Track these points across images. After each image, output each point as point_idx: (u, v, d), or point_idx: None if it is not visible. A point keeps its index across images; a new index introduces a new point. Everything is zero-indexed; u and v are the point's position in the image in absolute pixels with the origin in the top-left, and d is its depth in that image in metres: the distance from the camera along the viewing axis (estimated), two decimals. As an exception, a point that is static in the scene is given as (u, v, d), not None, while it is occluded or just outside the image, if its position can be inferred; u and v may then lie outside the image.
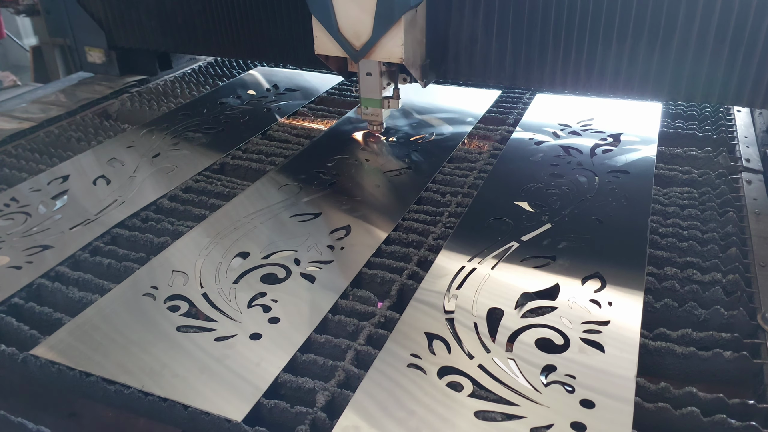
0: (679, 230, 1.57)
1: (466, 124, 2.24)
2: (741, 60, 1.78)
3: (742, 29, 1.74)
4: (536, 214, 1.65)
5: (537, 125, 2.18)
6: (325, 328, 1.29)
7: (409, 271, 1.44)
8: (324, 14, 1.78)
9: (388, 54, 1.78)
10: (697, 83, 1.85)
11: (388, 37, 1.75)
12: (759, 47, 1.75)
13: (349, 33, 1.79)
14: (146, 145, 2.11)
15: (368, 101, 1.98)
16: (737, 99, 1.85)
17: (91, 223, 1.66)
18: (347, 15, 1.76)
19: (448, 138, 2.13)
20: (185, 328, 1.27)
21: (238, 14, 2.42)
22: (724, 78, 1.82)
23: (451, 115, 2.31)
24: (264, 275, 1.43)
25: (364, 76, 1.91)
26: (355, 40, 1.79)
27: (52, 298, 1.42)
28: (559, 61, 1.96)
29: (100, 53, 2.81)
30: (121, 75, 2.83)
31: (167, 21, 2.59)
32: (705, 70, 1.83)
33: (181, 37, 2.61)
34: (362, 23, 1.75)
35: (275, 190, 1.81)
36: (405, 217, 1.68)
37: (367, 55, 1.81)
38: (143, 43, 2.71)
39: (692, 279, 1.39)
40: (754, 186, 1.77)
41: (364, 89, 1.95)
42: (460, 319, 1.27)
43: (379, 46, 1.78)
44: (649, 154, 1.94)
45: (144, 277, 1.43)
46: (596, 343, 1.20)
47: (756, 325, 1.25)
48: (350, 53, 1.82)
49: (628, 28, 1.84)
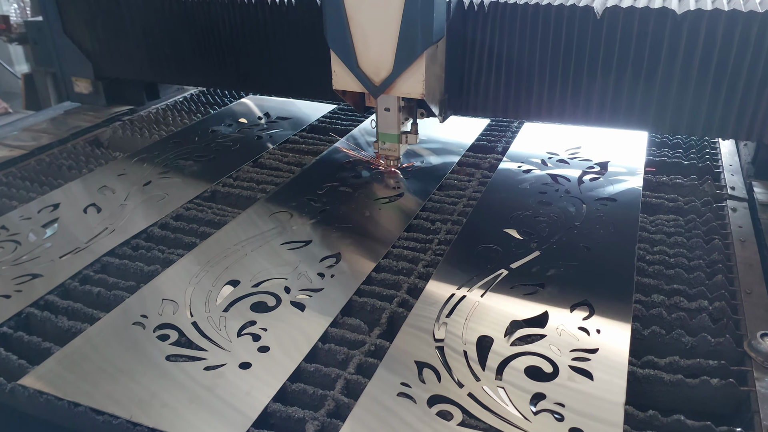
0: (666, 257, 1.59)
1: (454, 153, 2.27)
2: (724, 93, 1.79)
3: (725, 63, 1.76)
4: (525, 242, 1.66)
5: (525, 154, 2.21)
6: (315, 357, 1.29)
7: (399, 298, 1.45)
8: (343, 50, 1.76)
9: (409, 90, 1.76)
10: (681, 116, 1.86)
11: (409, 72, 1.73)
12: (742, 81, 1.76)
13: (368, 68, 1.76)
14: (137, 173, 2.12)
15: (386, 136, 1.95)
16: (722, 132, 1.85)
17: (81, 252, 1.66)
18: (367, 51, 1.74)
19: (438, 166, 2.16)
20: (175, 358, 1.26)
21: (226, 45, 2.44)
22: (708, 111, 1.82)
23: (439, 145, 2.34)
24: (254, 303, 1.43)
25: (382, 111, 1.89)
26: (375, 76, 1.77)
27: (41, 328, 1.42)
28: (545, 93, 1.97)
29: (87, 83, 2.81)
30: (108, 105, 2.83)
31: (154, 52, 2.60)
32: (689, 103, 1.83)
33: (169, 68, 2.62)
34: (383, 59, 1.73)
35: (266, 217, 1.82)
36: (395, 245, 1.69)
37: (387, 91, 1.78)
38: (130, 73, 2.71)
39: (679, 306, 1.41)
40: (740, 214, 1.80)
41: (382, 125, 1.92)
42: (450, 347, 1.27)
43: (399, 81, 1.75)
44: (635, 181, 1.96)
45: (134, 305, 1.43)
46: (585, 370, 1.20)
47: (743, 352, 1.27)
48: (369, 89, 1.79)
49: (612, 62, 1.85)
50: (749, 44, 1.72)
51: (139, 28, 2.56)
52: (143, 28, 2.56)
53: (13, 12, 4.76)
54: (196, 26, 2.44)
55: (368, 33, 1.71)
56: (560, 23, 1.86)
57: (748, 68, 1.74)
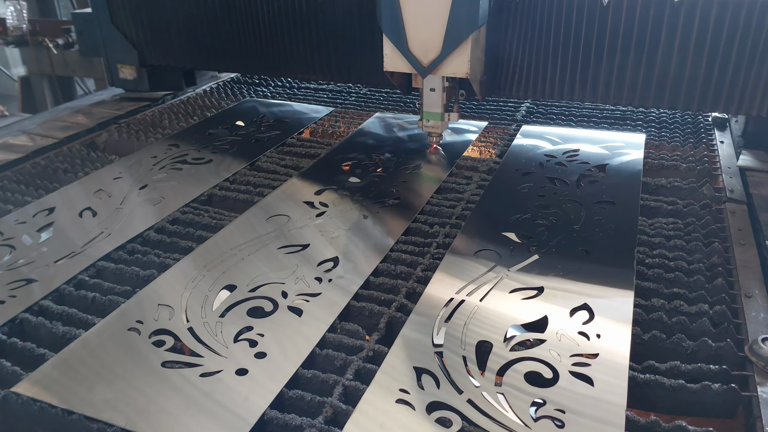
0: (666, 261, 1.58)
1: (453, 155, 2.26)
2: (717, 71, 2.00)
3: (717, 44, 1.97)
4: (524, 245, 1.65)
5: (523, 156, 2.20)
6: (313, 363, 1.28)
7: (397, 303, 1.44)
8: (395, 33, 1.93)
9: (455, 70, 1.94)
10: (678, 93, 2.08)
11: (456, 54, 1.91)
12: (732, 60, 1.97)
13: (417, 50, 1.93)
14: (133, 177, 2.11)
15: (430, 114, 2.13)
16: (714, 106, 2.06)
17: (77, 256, 1.65)
18: (417, 34, 1.91)
19: (436, 168, 2.15)
20: (170, 364, 1.25)
21: (264, 31, 2.61)
22: (703, 88, 2.04)
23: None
24: (251, 308, 1.41)
25: (427, 91, 2.07)
26: (423, 57, 1.94)
27: (36, 333, 1.40)
28: (557, 75, 2.19)
29: (131, 70, 3.02)
30: (150, 90, 3.04)
31: (195, 39, 2.78)
32: (685, 81, 2.05)
33: (209, 55, 2.81)
34: (432, 41, 1.90)
35: (263, 221, 1.80)
36: (393, 248, 1.68)
37: (434, 71, 1.96)
38: (173, 60, 2.91)
39: (679, 310, 1.40)
40: (739, 216, 1.79)
41: (426, 104, 2.10)
42: (449, 353, 1.26)
43: (447, 62, 1.93)
44: (634, 184, 1.96)
45: (129, 311, 1.41)
46: (585, 376, 1.19)
47: (744, 356, 1.26)
48: (418, 69, 1.96)
49: (616, 45, 2.06)
50: (738, 27, 1.93)
51: (181, 17, 2.75)
52: (186, 17, 2.74)
53: (9, 15, 4.74)
54: (235, 14, 2.63)
55: (419, 18, 1.89)
56: (571, 11, 2.06)
57: (738, 49, 1.96)
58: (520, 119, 2.63)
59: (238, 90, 3.14)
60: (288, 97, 3.04)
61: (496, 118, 2.65)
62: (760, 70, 1.95)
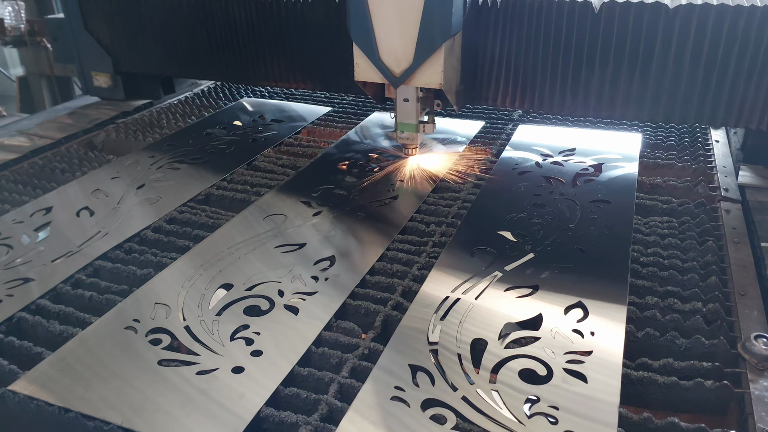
0: (660, 259, 1.59)
1: (451, 153, 2.27)
2: (714, 83, 1.90)
3: (715, 54, 1.86)
4: (519, 244, 1.66)
5: (520, 156, 2.20)
6: (309, 361, 1.28)
7: (393, 301, 1.44)
8: (366, 42, 1.84)
9: (428, 80, 1.84)
10: (674, 105, 1.97)
11: (429, 64, 1.81)
12: (730, 71, 1.87)
13: (389, 60, 1.85)
14: (131, 176, 2.11)
15: (404, 126, 2.03)
16: (712, 119, 1.95)
17: (74, 255, 1.65)
18: (389, 43, 1.82)
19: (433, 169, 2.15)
20: (167, 362, 1.26)
21: (240, 40, 2.54)
22: (700, 100, 1.93)
23: (436, 146, 2.34)
24: (247, 307, 1.42)
25: (401, 101, 1.97)
26: (395, 67, 1.85)
27: (33, 332, 1.41)
28: (547, 85, 2.07)
29: (106, 78, 2.92)
30: (126, 99, 2.94)
31: (172, 47, 2.70)
32: (681, 92, 1.94)
33: (186, 63, 2.73)
34: (403, 51, 1.81)
35: (260, 220, 1.81)
36: (389, 247, 1.68)
37: (407, 82, 1.86)
38: (148, 68, 2.82)
39: (673, 308, 1.41)
40: (733, 215, 1.80)
41: (400, 114, 2.00)
42: (444, 350, 1.27)
43: (419, 72, 1.84)
44: (629, 183, 1.97)
45: (126, 309, 1.42)
46: (579, 373, 1.20)
47: (737, 353, 1.27)
48: (390, 79, 1.87)
49: (609, 54, 1.95)
50: (737, 36, 1.82)
51: (157, 24, 2.66)
52: (162, 24, 2.66)
53: (7, 15, 4.74)
54: (213, 22, 2.55)
55: (390, 27, 1.79)
56: (561, 18, 1.95)
57: (736, 59, 1.84)
58: (517, 119, 2.64)
59: (235, 90, 3.15)
60: (285, 97, 3.05)
61: (493, 117, 2.66)
62: (760, 81, 1.84)
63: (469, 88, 2.10)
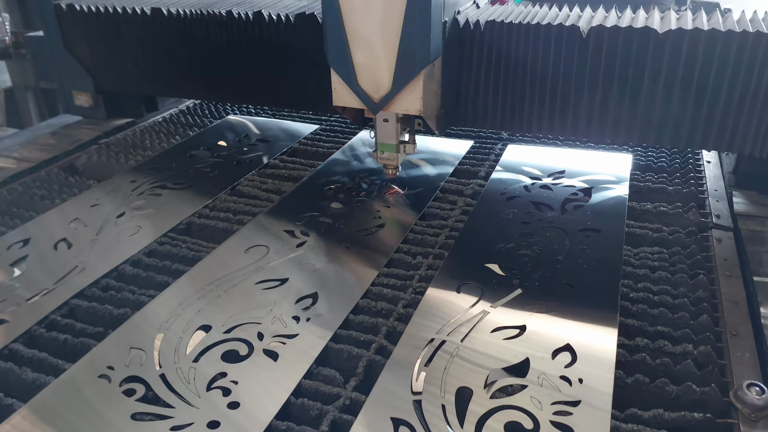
0: (650, 295, 1.55)
1: (437, 178, 2.23)
2: (706, 108, 1.84)
3: (706, 79, 1.80)
4: (507, 278, 1.62)
5: (508, 179, 2.17)
6: (287, 414, 1.24)
7: (377, 344, 1.40)
8: (344, 68, 1.79)
9: (407, 106, 1.80)
10: (665, 130, 1.91)
11: (408, 90, 1.77)
12: (722, 96, 1.81)
13: (368, 86, 1.80)
14: (111, 204, 2.06)
15: (384, 146, 1.99)
16: (704, 144, 1.91)
17: (49, 294, 1.60)
18: (367, 69, 1.78)
19: (421, 193, 2.11)
20: (141, 416, 1.21)
21: (223, 60, 2.47)
22: (691, 125, 1.88)
23: (421, 171, 2.30)
24: (225, 352, 1.38)
25: (381, 122, 1.93)
26: (374, 93, 1.81)
27: (4, 380, 1.36)
28: (535, 108, 2.01)
29: (87, 97, 2.85)
30: (108, 118, 2.87)
31: (153, 66, 2.64)
32: (672, 117, 1.88)
33: (167, 82, 2.67)
34: (381, 77, 1.77)
35: (241, 252, 1.76)
36: (375, 282, 1.64)
37: (385, 108, 1.83)
38: (130, 87, 2.76)
39: (663, 350, 1.37)
40: (725, 245, 1.77)
41: (380, 135, 1.97)
42: (428, 401, 1.23)
43: (398, 98, 1.80)
44: (619, 209, 1.93)
45: (100, 356, 1.37)
46: (567, 426, 1.17)
47: (728, 402, 1.23)
48: (369, 105, 1.84)
49: (598, 78, 1.90)
50: (728, 61, 1.77)
51: (137, 43, 2.60)
52: (142, 43, 2.60)
53: (-8, 26, 4.67)
54: (193, 41, 2.48)
55: (367, 53, 1.75)
56: (549, 42, 1.90)
57: (728, 84, 1.79)
58: (506, 138, 2.60)
59: (221, 107, 3.09)
60: (272, 114, 3.00)
61: (482, 137, 2.62)
62: (752, 106, 1.79)
63: (451, 110, 2.07)
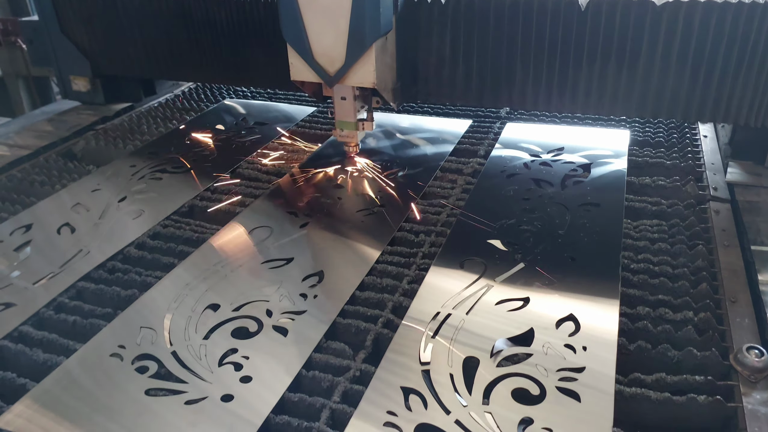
0: (650, 266, 1.58)
1: (437, 157, 2.24)
2: (702, 79, 1.89)
3: (702, 50, 1.85)
4: (509, 253, 1.64)
5: (508, 157, 2.18)
6: (299, 386, 1.27)
7: (383, 319, 1.43)
8: (298, 42, 1.83)
9: (361, 79, 1.85)
10: (662, 101, 1.96)
11: (361, 63, 1.82)
12: (718, 67, 1.86)
13: (323, 60, 1.85)
14: (112, 188, 2.07)
15: (343, 124, 2.02)
16: (700, 115, 1.95)
17: (56, 277, 1.61)
18: (321, 43, 1.82)
19: (421, 173, 2.13)
20: (154, 392, 1.23)
21: (222, 41, 2.48)
22: (687, 96, 1.92)
23: (420, 151, 2.31)
24: (235, 329, 1.39)
25: (338, 100, 1.96)
26: (329, 67, 1.85)
27: (16, 361, 1.37)
28: (530, 83, 2.05)
29: (85, 81, 2.84)
30: (106, 102, 2.87)
31: (151, 49, 2.63)
32: (669, 88, 1.93)
33: (166, 64, 2.66)
34: (335, 50, 1.81)
35: (245, 234, 1.78)
36: (378, 260, 1.66)
37: (341, 81, 1.87)
38: (128, 70, 2.75)
39: (665, 318, 1.40)
40: (723, 216, 1.80)
41: (339, 113, 2.00)
42: (436, 371, 1.25)
43: (352, 72, 1.84)
44: (618, 184, 1.95)
45: (110, 335, 1.39)
46: (572, 391, 1.19)
47: (729, 365, 1.26)
48: (325, 79, 1.87)
49: (596, 51, 1.93)
50: (724, 32, 1.81)
51: (135, 25, 2.60)
52: (140, 26, 2.59)
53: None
54: (192, 23, 2.49)
55: (320, 27, 1.80)
56: (544, 15, 1.93)
57: (724, 55, 1.84)
58: (505, 116, 2.61)
59: (217, 90, 3.09)
60: (269, 97, 3.00)
61: (480, 115, 2.63)
62: (747, 77, 1.83)
63: (408, 85, 2.11)
